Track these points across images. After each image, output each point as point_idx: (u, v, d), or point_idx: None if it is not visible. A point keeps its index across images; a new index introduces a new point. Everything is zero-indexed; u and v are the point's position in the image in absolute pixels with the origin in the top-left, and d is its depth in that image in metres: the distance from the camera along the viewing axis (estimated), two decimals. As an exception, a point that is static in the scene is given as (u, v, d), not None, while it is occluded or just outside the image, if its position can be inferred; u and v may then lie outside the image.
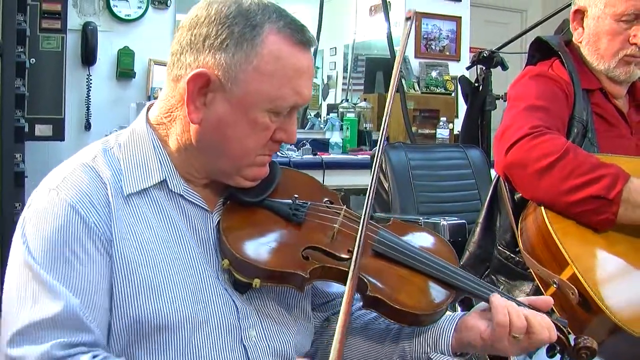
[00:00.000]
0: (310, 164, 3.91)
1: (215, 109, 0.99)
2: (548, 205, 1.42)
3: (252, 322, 1.03)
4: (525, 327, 1.00)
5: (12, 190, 3.09)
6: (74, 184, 0.97)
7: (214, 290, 1.01)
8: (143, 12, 4.26)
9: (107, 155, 1.03)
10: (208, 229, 1.04)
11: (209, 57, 0.97)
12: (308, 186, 1.16)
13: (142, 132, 1.05)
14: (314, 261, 1.02)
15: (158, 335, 0.95)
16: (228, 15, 0.97)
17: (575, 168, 1.38)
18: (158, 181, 1.02)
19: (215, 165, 1.03)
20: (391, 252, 1.07)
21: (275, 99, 0.98)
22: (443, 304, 1.05)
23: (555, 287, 1.34)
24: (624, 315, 1.28)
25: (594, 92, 1.66)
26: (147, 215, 1.00)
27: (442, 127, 4.35)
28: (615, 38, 1.60)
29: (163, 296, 0.95)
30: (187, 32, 1.00)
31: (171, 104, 1.03)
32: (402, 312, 1.02)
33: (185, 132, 1.02)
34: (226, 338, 0.99)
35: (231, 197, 1.08)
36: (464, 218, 2.10)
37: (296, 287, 1.01)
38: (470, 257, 1.77)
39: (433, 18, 5.18)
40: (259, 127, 1.00)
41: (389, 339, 1.11)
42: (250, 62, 0.96)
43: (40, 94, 3.67)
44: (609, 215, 1.36)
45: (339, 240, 1.05)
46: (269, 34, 0.97)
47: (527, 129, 1.43)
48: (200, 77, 0.97)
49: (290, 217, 1.06)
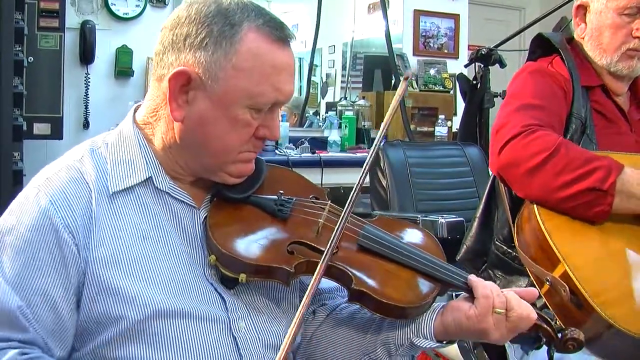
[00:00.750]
0: (308, 162, 3.92)
1: (196, 107, 1.01)
2: (543, 202, 1.42)
3: (240, 314, 1.04)
4: (505, 302, 1.02)
5: (10, 189, 3.09)
6: (56, 185, 0.99)
7: (199, 285, 1.02)
8: (141, 11, 4.26)
9: (94, 155, 1.05)
10: (195, 225, 1.06)
11: (189, 55, 0.99)
12: (294, 182, 1.18)
13: (129, 132, 1.07)
14: (299, 256, 1.03)
15: (145, 327, 0.96)
16: (207, 14, 1.00)
17: (568, 163, 1.39)
18: (144, 179, 1.04)
19: (199, 162, 1.05)
20: (376, 247, 1.08)
21: (255, 95, 1.00)
22: (428, 297, 1.06)
23: (548, 284, 1.35)
24: (615, 312, 1.28)
25: (594, 89, 1.66)
26: (131, 214, 1.01)
27: (441, 124, 4.36)
28: (617, 32, 1.60)
29: (142, 292, 0.97)
30: (169, 32, 1.02)
31: (156, 103, 1.05)
32: (388, 305, 1.03)
33: (170, 130, 1.04)
34: (215, 329, 1.01)
35: (218, 194, 1.09)
36: (462, 215, 2.11)
37: (282, 282, 1.03)
38: (468, 251, 1.78)
39: (431, 15, 5.18)
40: (240, 123, 1.01)
41: (372, 329, 1.12)
42: (229, 59, 0.98)
43: (38, 92, 3.66)
44: (605, 206, 1.37)
45: (324, 235, 1.06)
46: (248, 31, 0.99)
47: (519, 128, 1.44)
48: (181, 75, 0.99)
49: (275, 212, 1.08)
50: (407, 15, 5.11)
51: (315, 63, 5.39)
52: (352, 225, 1.10)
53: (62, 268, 0.96)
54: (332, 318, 1.17)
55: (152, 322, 0.96)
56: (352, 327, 1.14)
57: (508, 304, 1.03)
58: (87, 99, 4.12)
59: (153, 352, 0.96)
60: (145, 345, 0.96)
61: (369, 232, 1.10)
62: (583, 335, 1.06)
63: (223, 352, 1.00)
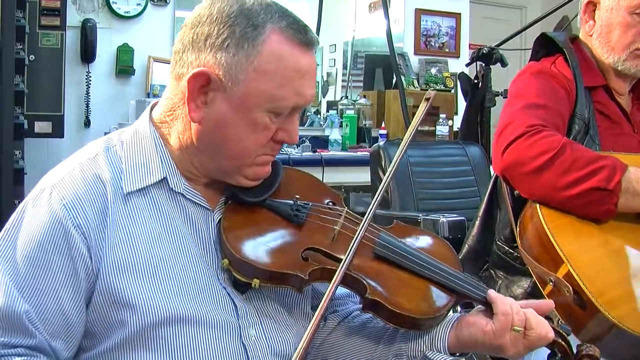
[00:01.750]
0: (309, 161, 3.91)
1: (215, 108, 0.98)
2: (547, 201, 1.42)
3: (251, 321, 1.02)
4: (524, 321, 1.01)
5: (12, 187, 3.09)
6: (69, 185, 0.97)
7: (211, 288, 1.01)
8: (142, 9, 4.26)
9: (109, 153, 1.03)
10: (209, 228, 1.04)
11: (209, 56, 0.97)
12: (310, 186, 1.15)
13: (145, 130, 1.05)
14: (314, 262, 1.01)
15: (155, 333, 0.95)
16: (230, 14, 0.97)
17: (573, 163, 1.38)
18: (158, 179, 1.02)
19: (215, 164, 1.03)
20: (392, 256, 1.06)
21: (276, 99, 0.98)
22: (443, 309, 1.04)
23: (551, 285, 1.34)
24: (619, 312, 1.28)
25: (597, 89, 1.65)
26: (145, 215, 1.00)
27: (442, 124, 4.35)
28: (628, 31, 1.59)
29: (155, 295, 0.95)
30: (190, 30, 1.00)
31: (173, 102, 1.03)
32: (401, 315, 1.01)
33: (187, 130, 1.02)
34: (225, 336, 0.99)
35: (232, 197, 1.06)
36: (464, 215, 2.10)
37: (295, 288, 1.01)
38: (470, 251, 1.77)
39: (432, 15, 5.18)
40: (259, 127, 0.99)
41: (385, 339, 1.11)
42: (251, 62, 0.96)
43: (39, 91, 3.67)
44: (610, 206, 1.37)
45: (340, 242, 1.04)
46: (271, 34, 0.97)
47: (524, 128, 1.43)
48: (201, 76, 0.97)
49: (291, 217, 1.06)
50: (408, 14, 5.11)
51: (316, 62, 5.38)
52: (369, 233, 1.07)
53: (71, 271, 0.94)
54: (343, 326, 1.16)
55: (162, 328, 0.95)
56: (364, 336, 1.12)
57: (527, 323, 1.01)
58: (88, 98, 4.12)
59: (159, 358, 0.95)
60: (153, 352, 0.95)
61: (385, 241, 1.08)
62: (599, 352, 1.04)
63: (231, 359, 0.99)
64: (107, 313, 0.95)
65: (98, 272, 0.95)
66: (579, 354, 1.04)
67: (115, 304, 0.94)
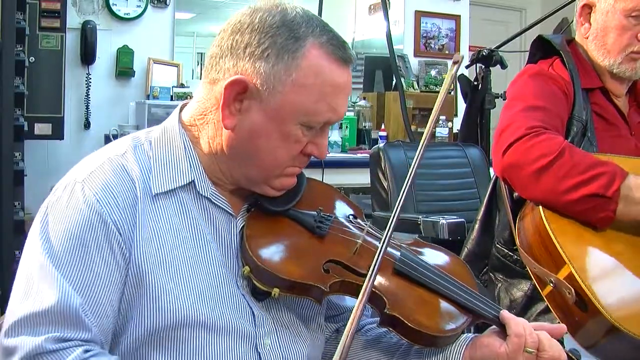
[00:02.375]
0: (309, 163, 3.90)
1: (249, 117, 0.99)
2: (546, 205, 1.42)
3: (267, 330, 1.02)
4: (537, 342, 1.01)
5: (12, 189, 3.09)
6: (101, 179, 0.97)
7: (231, 294, 1.01)
8: (142, 11, 4.26)
9: (138, 151, 1.03)
10: (231, 234, 1.04)
11: (248, 64, 0.97)
12: (333, 198, 1.16)
13: (174, 131, 1.05)
14: (334, 275, 1.01)
15: (172, 335, 0.95)
16: (272, 24, 0.97)
17: (572, 167, 1.38)
18: (186, 182, 1.02)
19: (243, 172, 1.03)
20: (412, 272, 1.07)
21: (311, 113, 0.98)
22: (460, 328, 1.04)
23: (551, 286, 1.34)
24: (620, 314, 1.28)
25: (594, 91, 1.66)
26: (172, 216, 1.00)
27: (442, 125, 4.36)
28: (623, 34, 1.60)
29: (179, 297, 0.95)
30: (229, 36, 0.99)
31: (206, 106, 1.03)
32: (419, 332, 1.01)
33: (218, 136, 1.02)
34: (241, 343, 0.99)
35: (256, 205, 1.07)
36: (463, 217, 2.10)
37: (315, 300, 1.01)
38: (469, 254, 1.77)
39: (432, 16, 5.19)
40: (291, 139, 1.00)
41: (399, 354, 1.11)
42: (289, 74, 0.97)
43: (39, 92, 3.67)
44: (608, 213, 1.37)
45: (361, 256, 1.05)
46: (311, 47, 0.97)
47: (524, 130, 1.43)
48: (238, 84, 0.97)
49: (314, 229, 1.06)
50: (408, 16, 5.12)
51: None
52: (389, 248, 1.08)
53: (113, 261, 0.94)
54: (357, 339, 1.15)
55: (180, 330, 0.95)
56: (378, 350, 1.12)
57: (540, 345, 1.01)
58: (88, 99, 4.12)
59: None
60: (169, 353, 0.95)
61: (406, 257, 1.08)
62: None
63: None
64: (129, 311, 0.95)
65: (128, 267, 0.95)
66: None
67: (140, 298, 0.94)
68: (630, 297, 1.34)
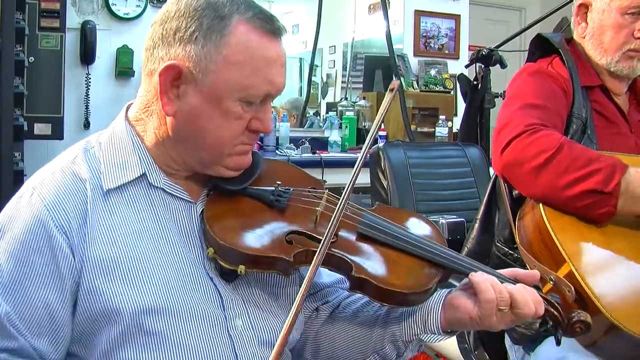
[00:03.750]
0: (309, 162, 3.92)
1: (188, 100, 1.00)
2: (547, 201, 1.41)
3: (238, 311, 1.04)
4: (508, 300, 1.01)
5: (11, 189, 3.09)
6: (50, 187, 0.99)
7: (197, 280, 1.02)
8: (142, 11, 4.26)
9: (88, 155, 1.05)
10: (192, 220, 1.05)
11: (179, 49, 0.99)
12: (291, 174, 1.18)
13: (122, 130, 1.07)
14: (298, 245, 1.03)
15: (140, 330, 0.96)
16: (197, 7, 0.99)
17: (571, 163, 1.38)
18: (137, 175, 1.03)
19: (195, 156, 1.05)
20: (375, 233, 1.08)
21: (246, 88, 1.00)
22: (430, 282, 1.05)
23: (551, 283, 1.34)
24: (620, 313, 1.27)
25: (593, 89, 1.66)
26: (126, 211, 1.01)
27: (441, 125, 4.36)
28: (620, 32, 1.60)
29: (140, 289, 0.96)
30: (159, 27, 1.02)
31: (147, 99, 1.05)
32: (389, 291, 1.02)
33: (162, 125, 1.04)
34: (210, 328, 1.00)
35: (214, 187, 1.09)
36: (463, 216, 2.11)
37: (282, 273, 1.02)
38: (469, 253, 1.77)
39: (432, 16, 5.19)
40: (232, 116, 1.01)
41: (378, 325, 1.11)
42: (219, 52, 0.98)
43: (39, 92, 3.67)
44: (609, 208, 1.36)
45: (323, 224, 1.05)
46: (238, 24, 0.99)
47: (522, 127, 1.43)
48: (172, 69, 0.99)
49: (272, 203, 1.08)
50: (407, 15, 5.12)
51: (315, 63, 5.39)
52: (352, 214, 1.10)
53: (55, 271, 0.95)
54: (335, 316, 1.17)
55: (146, 321, 0.96)
56: (357, 325, 1.13)
57: (513, 302, 1.02)
58: (87, 99, 4.12)
59: (148, 354, 0.96)
60: (141, 348, 0.96)
61: (369, 219, 1.10)
62: (590, 317, 1.05)
63: (219, 352, 1.00)
64: (94, 311, 0.96)
65: (81, 270, 0.96)
66: (570, 321, 1.05)
67: (98, 301, 0.95)
68: (629, 296, 1.34)
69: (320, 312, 1.19)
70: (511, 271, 1.09)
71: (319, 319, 1.18)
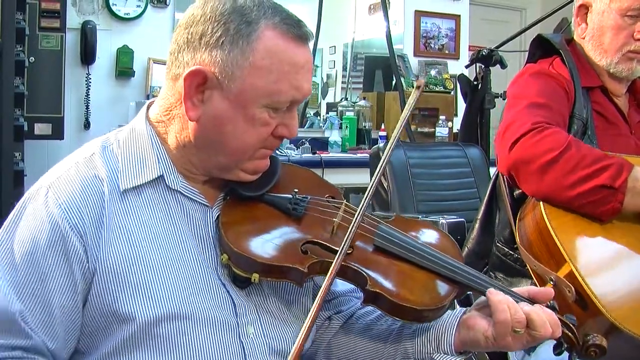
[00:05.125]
0: (309, 163, 3.91)
1: (213, 106, 0.99)
2: (553, 199, 1.42)
3: (250, 318, 1.02)
4: (525, 322, 0.99)
5: (11, 189, 3.09)
6: (65, 184, 0.98)
7: (210, 285, 1.01)
8: (142, 11, 4.26)
9: (106, 152, 1.03)
10: (207, 224, 1.04)
11: (205, 54, 0.98)
12: (309, 181, 1.16)
13: (142, 129, 1.05)
14: (313, 256, 1.01)
15: (151, 333, 0.95)
16: (223, 12, 0.98)
17: (579, 161, 1.39)
18: (155, 177, 1.02)
19: (214, 161, 1.03)
20: (392, 247, 1.06)
21: (273, 94, 0.98)
22: (445, 299, 1.03)
23: (551, 284, 1.34)
24: (620, 313, 1.28)
25: (594, 90, 1.66)
26: (142, 212, 1.00)
27: (441, 125, 4.36)
28: (619, 33, 1.60)
29: (153, 294, 0.96)
30: (184, 30, 1.01)
31: (170, 102, 1.03)
32: (403, 307, 1.00)
33: (184, 129, 1.02)
34: (222, 334, 0.99)
35: (231, 192, 1.07)
36: (463, 216, 2.10)
37: (295, 282, 1.01)
38: (469, 253, 1.77)
39: (432, 16, 5.19)
40: (258, 122, 1.00)
41: (391, 340, 1.10)
42: (246, 58, 0.97)
43: (39, 92, 3.67)
44: (615, 204, 1.37)
45: (339, 235, 1.04)
46: (265, 29, 0.98)
47: (529, 125, 1.43)
48: (197, 75, 0.97)
49: (289, 211, 1.06)
50: (407, 16, 5.12)
51: (316, 64, 5.39)
52: (368, 225, 1.08)
53: (68, 272, 0.94)
54: (349, 326, 1.15)
55: (158, 326, 0.95)
56: (369, 338, 1.12)
57: (529, 323, 0.99)
58: (88, 99, 4.12)
59: (156, 358, 0.95)
60: (151, 351, 0.95)
61: (385, 232, 1.08)
62: (606, 342, 1.03)
63: (229, 358, 0.99)
64: (106, 313, 0.95)
65: (95, 272, 0.95)
66: (585, 344, 1.03)
67: (111, 304, 0.94)
68: (630, 297, 1.34)
69: (333, 321, 1.17)
70: (526, 290, 1.07)
71: (331, 328, 1.16)
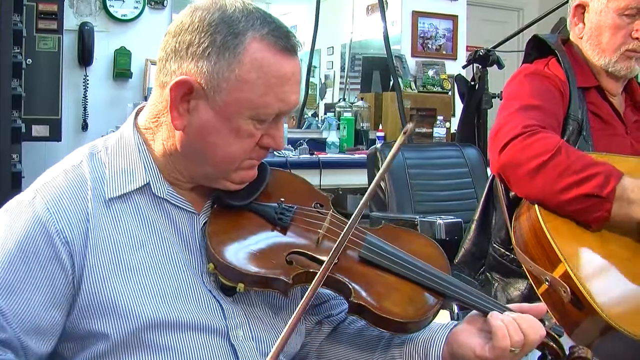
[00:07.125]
0: (307, 164, 3.91)
1: (198, 116, 0.99)
2: (542, 203, 1.42)
3: (239, 321, 1.02)
4: (522, 342, 0.99)
5: (9, 191, 3.09)
6: (53, 190, 0.98)
7: (197, 292, 1.01)
8: (139, 13, 4.26)
9: (94, 159, 1.03)
10: (194, 232, 1.04)
11: (191, 64, 0.97)
12: (297, 189, 1.15)
13: (129, 136, 1.06)
14: (298, 266, 1.01)
15: (140, 340, 0.95)
16: (211, 23, 0.97)
17: (568, 167, 1.39)
18: (141, 185, 1.02)
19: (200, 170, 1.03)
20: (377, 259, 1.06)
21: (259, 106, 0.98)
22: (429, 312, 1.03)
23: (547, 284, 1.35)
24: (615, 313, 1.28)
25: (590, 90, 1.66)
26: (128, 220, 1.00)
27: (439, 126, 4.36)
28: (617, 32, 1.60)
29: (140, 300, 0.96)
30: (172, 38, 1.00)
31: (158, 109, 1.03)
32: (387, 319, 1.00)
33: (171, 137, 1.02)
34: (212, 337, 0.99)
35: (218, 201, 1.07)
36: (461, 216, 2.11)
37: (280, 292, 1.01)
38: (466, 254, 1.78)
39: (429, 17, 5.19)
40: (243, 134, 0.99)
41: (381, 347, 1.10)
42: (232, 70, 0.96)
43: (36, 94, 3.67)
44: (603, 212, 1.37)
45: (325, 245, 1.04)
46: (252, 41, 0.97)
47: (520, 128, 1.44)
48: (183, 85, 0.97)
49: (275, 221, 1.05)
50: (405, 16, 5.12)
51: (313, 64, 5.39)
52: (355, 237, 1.07)
53: (49, 274, 0.94)
54: (339, 332, 1.16)
55: (147, 333, 0.95)
56: (359, 346, 1.12)
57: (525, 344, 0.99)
58: (85, 101, 4.12)
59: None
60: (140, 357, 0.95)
61: (371, 244, 1.07)
62: (591, 354, 1.04)
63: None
64: (92, 318, 0.95)
65: (81, 278, 0.95)
66: (570, 356, 1.04)
67: (98, 309, 0.94)
68: (625, 296, 1.34)
69: (324, 326, 1.17)
70: (518, 307, 1.06)
71: (321, 333, 1.17)
